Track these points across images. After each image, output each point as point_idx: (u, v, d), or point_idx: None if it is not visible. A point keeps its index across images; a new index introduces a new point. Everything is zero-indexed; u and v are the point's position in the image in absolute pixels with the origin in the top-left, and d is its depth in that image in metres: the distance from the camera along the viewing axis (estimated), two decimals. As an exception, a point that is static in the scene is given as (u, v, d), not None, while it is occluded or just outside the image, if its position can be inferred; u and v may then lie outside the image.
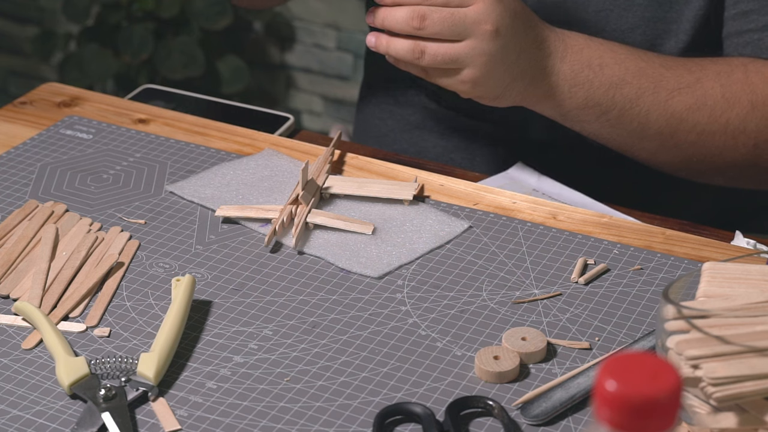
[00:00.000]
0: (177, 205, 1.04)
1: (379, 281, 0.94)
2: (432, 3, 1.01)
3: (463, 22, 1.01)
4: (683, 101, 1.09)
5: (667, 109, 1.09)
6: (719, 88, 1.09)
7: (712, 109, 1.09)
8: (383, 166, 1.11)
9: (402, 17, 1.01)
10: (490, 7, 1.01)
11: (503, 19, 1.01)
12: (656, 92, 1.08)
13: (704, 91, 1.09)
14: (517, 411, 0.81)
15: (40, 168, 1.09)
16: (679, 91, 1.09)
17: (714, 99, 1.09)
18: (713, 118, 1.10)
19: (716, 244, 1.00)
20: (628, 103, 1.09)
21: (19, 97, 1.21)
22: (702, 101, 1.09)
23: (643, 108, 1.09)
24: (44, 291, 0.92)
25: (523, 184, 1.15)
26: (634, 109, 1.09)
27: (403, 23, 1.01)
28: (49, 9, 2.68)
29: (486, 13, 1.01)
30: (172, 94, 1.29)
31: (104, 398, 0.80)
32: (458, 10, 1.01)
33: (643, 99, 1.08)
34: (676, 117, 1.09)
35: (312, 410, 0.81)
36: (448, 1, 1.01)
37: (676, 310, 0.76)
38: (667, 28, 1.17)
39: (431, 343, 0.87)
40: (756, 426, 0.73)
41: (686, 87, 1.09)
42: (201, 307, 0.91)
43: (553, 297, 0.92)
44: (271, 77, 2.65)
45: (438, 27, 1.01)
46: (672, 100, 1.09)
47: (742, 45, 1.14)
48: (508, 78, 1.04)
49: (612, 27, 1.17)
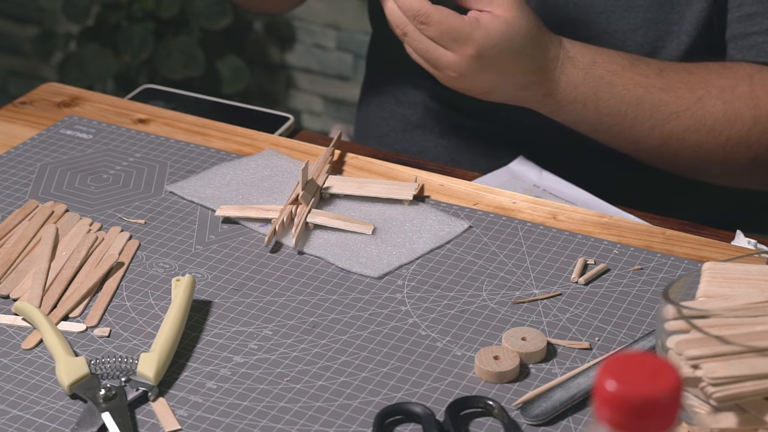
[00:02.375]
0: (177, 205, 1.04)
1: (379, 281, 0.94)
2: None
3: (451, 35, 1.03)
4: (682, 123, 1.10)
5: (664, 131, 1.10)
6: (721, 105, 1.09)
7: (711, 128, 1.10)
8: (383, 166, 1.11)
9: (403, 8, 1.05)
10: (487, 31, 1.04)
11: (492, 47, 1.04)
12: (653, 117, 1.10)
13: (705, 111, 1.09)
14: (517, 411, 0.81)
15: (40, 168, 1.09)
16: (678, 114, 1.09)
17: (715, 118, 1.10)
18: (713, 137, 1.10)
19: (716, 244, 1.00)
20: (624, 127, 1.11)
21: (19, 97, 1.21)
22: (702, 122, 1.10)
23: (641, 133, 1.11)
24: (44, 291, 0.92)
25: (525, 179, 1.15)
26: (630, 131, 1.11)
27: (401, 17, 1.05)
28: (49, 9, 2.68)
29: (473, 36, 1.04)
30: (172, 94, 1.29)
31: (104, 398, 0.80)
32: (457, 21, 1.03)
33: (638, 125, 1.11)
34: (674, 138, 1.11)
35: (312, 410, 0.81)
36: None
37: (676, 310, 0.76)
38: (669, 29, 1.17)
39: (431, 343, 0.87)
40: (756, 426, 0.73)
41: (686, 109, 1.09)
42: (201, 307, 0.91)
43: (553, 297, 0.92)
44: (271, 77, 2.65)
45: (432, 32, 1.04)
46: (669, 124, 1.10)
47: (746, 48, 1.13)
48: (490, 88, 1.09)
49: (613, 28, 1.17)
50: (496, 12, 1.03)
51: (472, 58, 1.03)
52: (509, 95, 1.10)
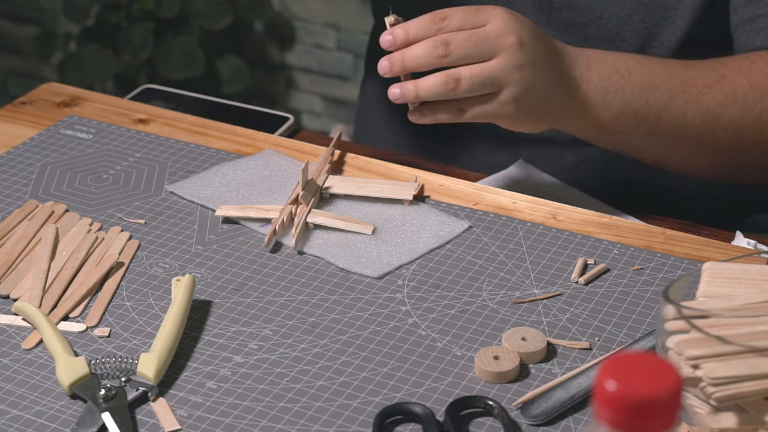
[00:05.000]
0: (177, 205, 1.04)
1: (379, 281, 0.94)
2: (447, 30, 0.99)
3: (487, 38, 0.99)
4: (714, 97, 1.08)
5: (701, 106, 1.08)
6: (745, 80, 1.08)
7: (743, 101, 1.08)
8: (383, 166, 1.11)
9: (423, 51, 0.99)
10: (508, 20, 1.00)
11: (523, 30, 1.00)
12: (687, 91, 1.07)
13: (732, 86, 1.08)
14: (517, 411, 0.81)
15: (40, 168, 1.09)
16: (708, 87, 1.08)
17: (743, 91, 1.08)
18: (746, 110, 1.08)
19: (716, 244, 1.00)
20: (663, 105, 1.07)
21: (19, 97, 1.21)
22: (732, 95, 1.08)
23: (678, 108, 1.08)
24: (44, 291, 0.92)
25: (524, 183, 1.15)
26: (669, 110, 1.08)
27: (426, 55, 0.99)
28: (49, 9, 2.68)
29: (506, 27, 0.99)
30: (172, 94, 1.29)
31: (104, 398, 0.80)
32: (479, 29, 0.99)
33: (676, 99, 1.07)
34: (711, 113, 1.08)
35: (312, 410, 0.81)
36: (463, 24, 0.99)
37: (676, 310, 0.76)
38: (665, 14, 1.16)
39: (431, 343, 0.87)
40: (756, 426, 0.73)
41: (714, 83, 1.08)
42: (201, 307, 0.91)
43: (553, 297, 0.92)
44: (271, 77, 2.65)
45: (464, 49, 0.98)
46: (703, 97, 1.07)
47: (755, 31, 1.12)
48: (546, 90, 1.03)
49: (609, 13, 1.17)
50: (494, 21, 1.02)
51: (518, 46, 0.99)
52: (561, 95, 1.05)
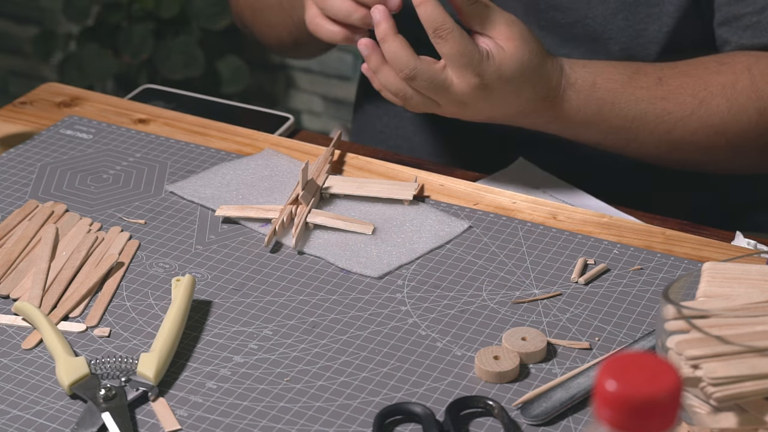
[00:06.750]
0: (177, 205, 1.04)
1: (379, 281, 0.94)
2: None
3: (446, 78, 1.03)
4: (688, 128, 1.10)
5: (671, 140, 1.11)
6: (725, 103, 1.10)
7: (718, 127, 1.10)
8: (383, 166, 1.11)
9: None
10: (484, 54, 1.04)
11: (489, 72, 1.03)
12: (658, 129, 1.10)
13: (710, 113, 1.10)
14: (517, 411, 0.81)
15: (40, 168, 1.09)
16: (683, 120, 1.10)
17: (720, 117, 1.10)
18: (719, 135, 1.11)
19: (716, 244, 1.00)
20: (630, 143, 1.12)
21: (19, 97, 1.21)
22: (707, 123, 1.10)
23: (646, 145, 1.12)
24: (44, 291, 0.92)
25: (525, 182, 1.15)
26: (633, 145, 1.12)
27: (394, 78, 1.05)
28: (49, 9, 2.68)
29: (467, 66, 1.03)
30: (172, 94, 1.29)
31: (104, 398, 0.80)
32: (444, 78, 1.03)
33: (644, 138, 1.11)
34: (681, 142, 1.11)
35: (312, 410, 0.81)
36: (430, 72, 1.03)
37: (676, 310, 0.76)
38: (649, 11, 1.17)
39: (431, 343, 0.87)
40: (756, 426, 0.73)
41: (690, 114, 1.10)
42: (201, 307, 0.91)
43: (553, 297, 0.92)
44: (271, 77, 2.65)
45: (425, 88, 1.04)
46: (676, 131, 1.11)
47: (741, 29, 1.13)
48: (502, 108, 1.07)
49: (594, 13, 1.17)
50: (499, 40, 1.03)
51: (477, 88, 1.02)
52: (512, 121, 1.10)
